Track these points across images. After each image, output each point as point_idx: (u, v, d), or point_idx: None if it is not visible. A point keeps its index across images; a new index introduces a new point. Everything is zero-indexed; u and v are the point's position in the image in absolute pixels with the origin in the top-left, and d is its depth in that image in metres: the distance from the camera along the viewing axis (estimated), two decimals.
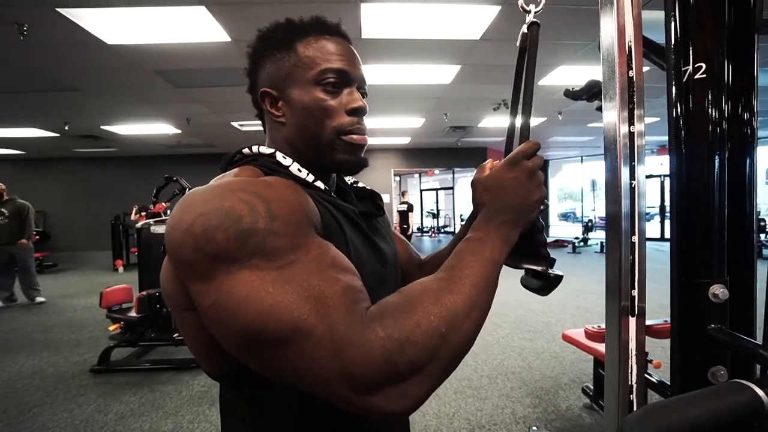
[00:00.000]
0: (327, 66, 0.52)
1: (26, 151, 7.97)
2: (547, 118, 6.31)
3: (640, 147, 0.66)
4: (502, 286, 2.52)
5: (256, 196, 0.40)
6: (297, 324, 0.35)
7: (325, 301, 0.36)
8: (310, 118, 0.53)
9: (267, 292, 0.36)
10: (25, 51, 3.23)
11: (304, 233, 0.41)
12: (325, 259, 0.39)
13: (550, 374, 2.66)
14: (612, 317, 0.69)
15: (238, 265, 0.37)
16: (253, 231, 0.37)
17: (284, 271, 0.37)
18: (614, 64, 0.65)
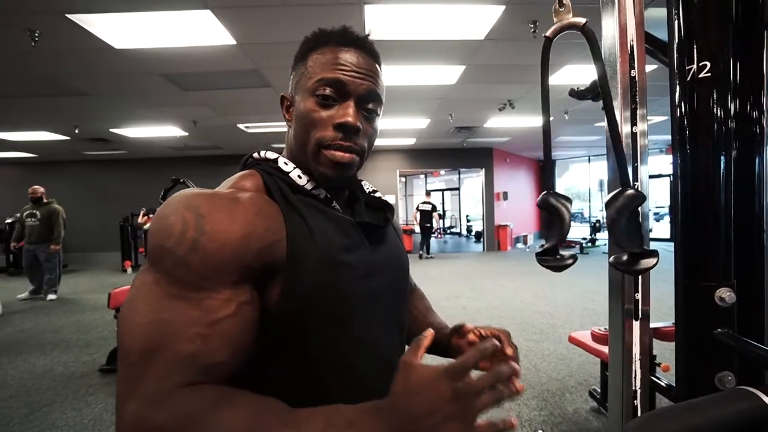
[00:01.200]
0: (322, 76, 0.52)
1: (38, 154, 8.11)
2: (553, 118, 6.26)
3: (643, 147, 0.65)
4: (509, 288, 2.52)
5: (198, 222, 0.42)
6: (128, 353, 0.39)
7: (158, 353, 0.38)
8: (301, 126, 0.54)
9: (143, 307, 0.40)
10: (36, 57, 3.29)
11: (218, 277, 0.42)
12: (211, 315, 0.41)
13: (557, 377, 2.63)
14: (615, 320, 0.68)
15: (152, 270, 0.42)
16: (169, 253, 0.41)
17: (169, 301, 0.40)
18: (616, 63, 0.64)
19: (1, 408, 2.44)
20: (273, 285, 0.46)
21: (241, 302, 0.43)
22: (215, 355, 0.40)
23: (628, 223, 0.54)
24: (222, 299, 0.41)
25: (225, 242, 0.42)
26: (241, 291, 0.43)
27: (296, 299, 0.46)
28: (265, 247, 0.45)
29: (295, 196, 0.52)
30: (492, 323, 2.92)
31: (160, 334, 0.39)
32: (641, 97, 0.64)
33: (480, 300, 4.78)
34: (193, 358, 0.39)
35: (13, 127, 5.78)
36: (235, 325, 0.42)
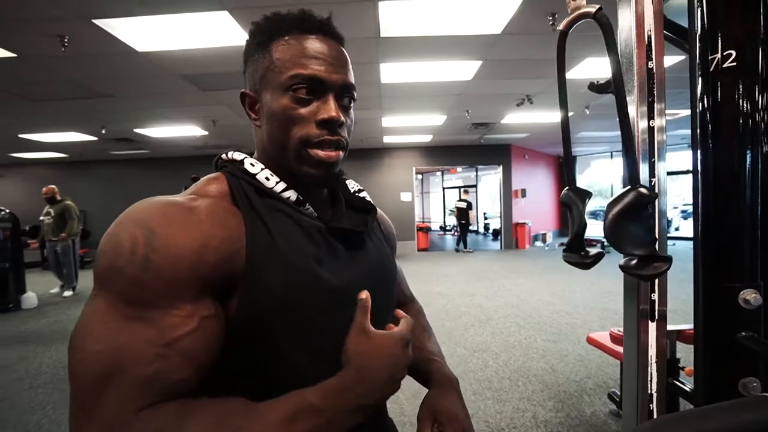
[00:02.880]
0: (297, 72, 0.48)
1: (69, 154, 8.47)
2: (573, 113, 6.09)
3: (660, 143, 0.62)
4: (526, 287, 2.48)
5: (147, 238, 0.40)
6: (81, 381, 0.37)
7: (115, 378, 0.36)
8: (277, 126, 0.50)
9: (95, 332, 0.38)
10: (66, 62, 3.43)
11: (175, 293, 0.40)
12: (169, 333, 0.39)
13: (575, 378, 2.57)
14: (630, 321, 0.66)
15: (103, 291, 0.40)
16: (120, 272, 0.39)
17: (123, 323, 0.38)
18: (632, 54, 0.62)
19: (38, 393, 2.59)
20: (232, 296, 0.44)
21: (203, 317, 0.41)
22: (176, 374, 0.38)
23: (636, 225, 0.52)
24: (182, 315, 0.39)
25: (178, 257, 0.40)
26: (202, 305, 0.41)
27: (253, 311, 0.44)
28: (222, 259, 0.43)
29: (262, 200, 0.49)
30: (508, 322, 2.91)
31: (116, 358, 0.36)
32: (659, 90, 0.61)
33: (496, 298, 4.72)
34: (152, 380, 0.37)
35: (46, 128, 6.05)
36: (197, 341, 0.40)
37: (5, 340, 3.77)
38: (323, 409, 0.39)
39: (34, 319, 4.44)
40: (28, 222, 6.17)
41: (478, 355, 3.03)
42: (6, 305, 4.81)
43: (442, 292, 5.14)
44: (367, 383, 0.41)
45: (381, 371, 0.42)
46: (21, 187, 9.50)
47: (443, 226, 15.42)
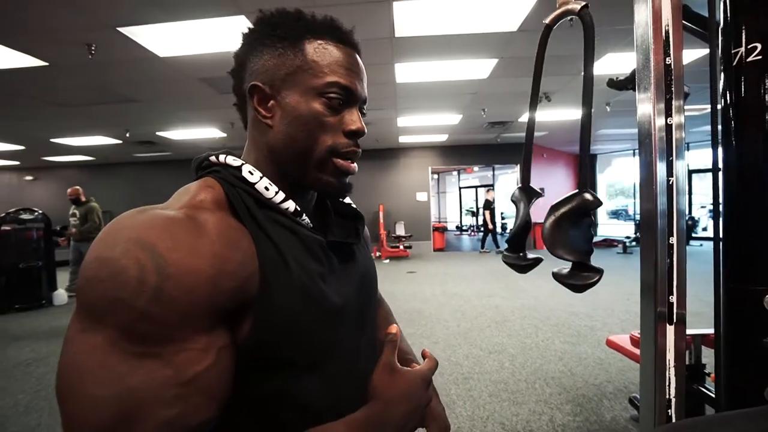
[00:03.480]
0: (335, 80, 0.47)
1: (95, 157, 8.82)
2: (593, 110, 5.95)
3: (678, 141, 0.60)
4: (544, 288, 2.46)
5: (157, 264, 0.35)
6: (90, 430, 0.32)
7: (133, 426, 0.32)
8: (303, 130, 0.47)
9: (98, 375, 0.33)
10: (93, 68, 3.58)
11: (190, 326, 0.35)
12: (188, 370, 0.35)
13: (594, 381, 2.51)
14: (647, 324, 0.64)
15: (101, 326, 0.34)
16: (128, 305, 0.33)
17: (132, 362, 0.33)
18: (649, 50, 0.60)
19: None
20: (244, 320, 0.40)
21: (220, 348, 0.37)
22: (200, 414, 0.35)
23: (576, 231, 0.51)
24: (198, 349, 0.36)
25: (193, 286, 0.35)
26: (217, 335, 0.38)
27: (265, 335, 0.41)
28: (238, 285, 0.39)
29: (261, 212, 0.45)
30: (525, 324, 2.87)
31: (131, 405, 0.32)
32: (677, 87, 0.59)
33: (514, 299, 4.65)
34: (172, 424, 0.33)
35: (75, 132, 6.32)
36: (217, 375, 0.37)
37: (39, 334, 3.96)
38: None
39: (65, 316, 4.64)
40: (58, 222, 6.44)
41: (494, 356, 2.99)
42: (39, 301, 5.05)
43: (458, 293, 5.09)
44: (391, 419, 0.42)
45: (403, 408, 0.42)
46: (52, 189, 9.95)
47: (459, 226, 15.28)
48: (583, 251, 0.55)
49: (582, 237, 0.54)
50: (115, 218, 0.38)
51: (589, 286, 0.54)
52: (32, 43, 3.07)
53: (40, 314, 4.74)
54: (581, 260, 0.55)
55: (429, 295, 5.04)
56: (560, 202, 0.56)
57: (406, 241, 8.97)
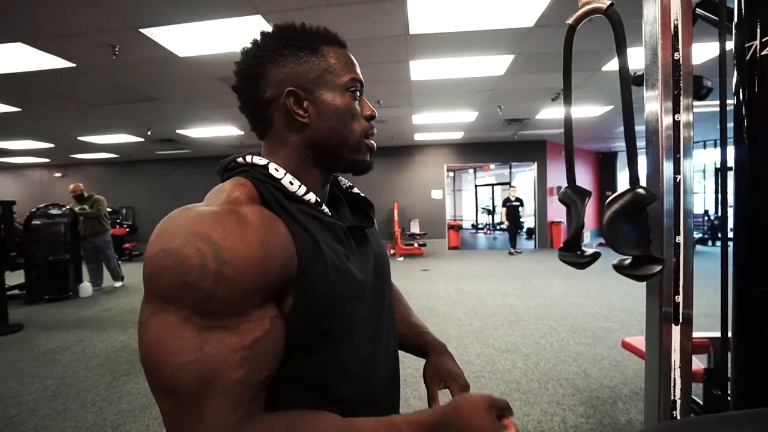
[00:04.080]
0: (354, 75, 0.56)
1: (119, 154, 9.13)
2: (613, 107, 5.79)
3: (687, 138, 0.59)
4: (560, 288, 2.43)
5: (214, 249, 0.41)
6: (178, 392, 0.39)
7: (212, 386, 0.39)
8: (341, 121, 0.55)
9: (177, 346, 0.40)
10: (116, 69, 3.70)
11: (246, 302, 0.42)
12: (249, 337, 0.42)
13: (609, 384, 2.46)
14: (652, 324, 0.63)
15: (173, 307, 0.41)
16: (195, 287, 0.40)
17: (204, 334, 0.40)
18: (657, 46, 0.59)
19: (92, 374, 2.84)
20: (287, 297, 0.47)
21: (271, 317, 0.45)
22: (262, 372, 0.43)
23: (633, 226, 0.50)
24: (254, 320, 0.43)
25: (247, 268, 0.42)
26: (269, 308, 0.45)
27: (305, 310, 0.47)
28: (282, 265, 0.46)
29: (290, 204, 0.51)
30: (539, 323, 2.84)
31: (208, 366, 0.39)
32: (686, 83, 0.58)
33: (528, 299, 4.59)
34: (245, 381, 0.41)
35: (100, 131, 6.55)
36: (272, 341, 0.44)
37: (66, 324, 4.15)
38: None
39: (89, 307, 4.84)
40: None
41: (506, 356, 2.97)
42: (66, 293, 5.28)
43: (472, 291, 5.06)
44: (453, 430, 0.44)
45: (470, 427, 0.44)
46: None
47: (475, 224, 15.14)
48: (643, 244, 0.55)
49: (640, 231, 0.54)
50: (165, 217, 0.45)
51: (653, 276, 0.55)
52: (60, 46, 3.20)
53: (67, 305, 4.96)
54: (644, 253, 0.54)
55: (442, 293, 5.02)
56: (614, 199, 0.56)
57: (421, 239, 8.95)
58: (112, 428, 2.12)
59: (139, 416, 2.24)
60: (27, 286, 5.19)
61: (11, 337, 3.78)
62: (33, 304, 5.05)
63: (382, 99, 5.16)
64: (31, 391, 2.59)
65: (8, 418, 2.25)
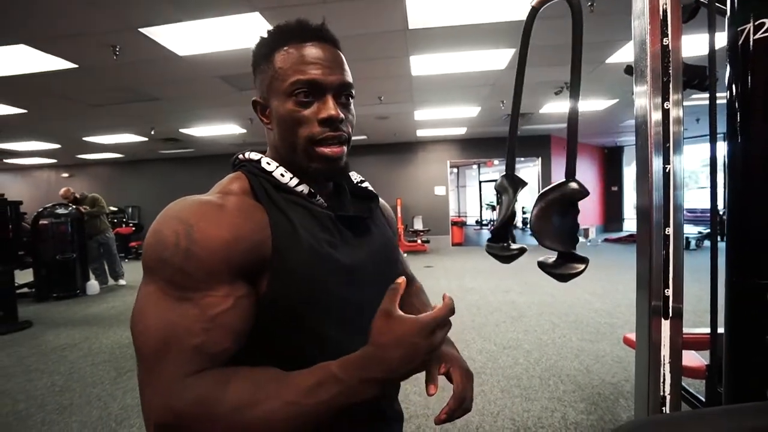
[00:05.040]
0: (296, 78, 0.53)
1: (124, 154, 9.21)
2: (618, 100, 5.71)
3: (676, 128, 0.57)
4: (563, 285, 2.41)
5: (187, 230, 0.46)
6: (144, 351, 0.44)
7: (169, 349, 0.43)
8: (285, 129, 0.55)
9: (151, 312, 0.45)
10: (118, 69, 3.72)
11: (212, 278, 0.46)
12: (211, 310, 0.45)
13: (611, 380, 2.44)
14: (642, 319, 0.62)
15: (153, 278, 0.46)
16: (167, 262, 0.45)
17: (173, 303, 0.45)
18: (645, 32, 0.57)
19: (98, 369, 2.88)
20: (262, 278, 0.50)
21: (238, 296, 0.47)
22: (219, 344, 0.45)
23: (562, 220, 0.49)
24: (220, 296, 0.46)
25: (214, 248, 0.46)
26: (237, 286, 0.48)
27: (280, 290, 0.50)
28: (251, 247, 0.49)
29: (279, 194, 0.55)
30: (542, 320, 2.82)
31: (169, 332, 0.44)
32: (675, 70, 0.56)
33: (531, 295, 4.56)
34: (199, 349, 0.44)
35: (104, 131, 6.61)
36: (234, 316, 0.46)
37: (73, 321, 4.21)
38: (343, 379, 0.43)
39: (96, 305, 4.90)
40: None
41: (508, 352, 2.96)
42: (74, 291, 5.35)
43: (474, 288, 5.05)
44: (383, 362, 0.43)
45: (397, 355, 0.43)
46: (86, 185, 10.45)
47: (479, 220, 15.08)
48: (569, 241, 0.54)
49: (569, 227, 0.53)
50: (169, 205, 0.51)
51: (574, 276, 0.53)
52: (61, 47, 3.22)
53: (74, 303, 5.03)
54: (567, 250, 0.53)
55: (445, 289, 5.01)
56: (547, 191, 0.55)
57: (424, 235, 8.94)
58: (116, 423, 2.15)
59: None
60: (36, 284, 5.27)
61: (21, 333, 3.84)
62: (42, 302, 5.12)
63: (383, 95, 5.14)
64: (40, 386, 2.63)
65: (18, 412, 2.30)
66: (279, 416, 0.42)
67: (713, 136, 0.60)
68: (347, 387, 0.43)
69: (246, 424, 0.41)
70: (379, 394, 0.45)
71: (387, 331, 0.44)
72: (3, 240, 4.43)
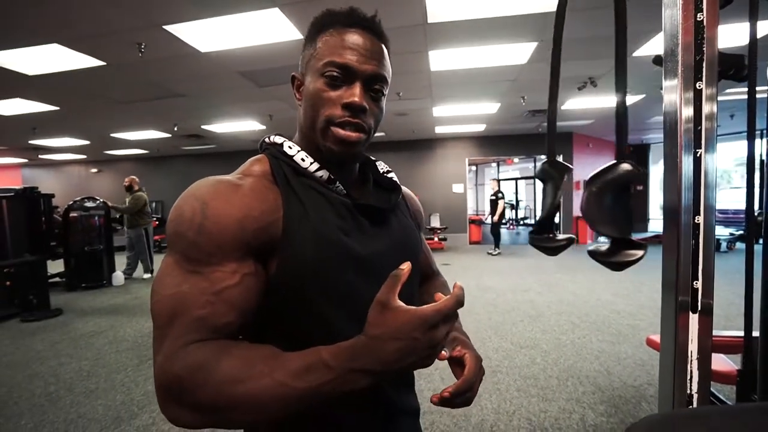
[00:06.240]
0: (331, 59, 0.54)
1: (149, 150, 9.51)
2: (645, 95, 5.50)
3: (710, 109, 0.54)
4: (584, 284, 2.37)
5: (202, 209, 0.49)
6: (157, 319, 0.47)
7: (177, 318, 0.46)
8: (309, 106, 0.57)
9: (166, 281, 0.48)
10: (143, 66, 3.83)
11: (222, 254, 0.48)
12: (217, 285, 0.47)
13: (633, 383, 2.35)
14: (667, 314, 0.58)
15: (172, 251, 0.50)
16: (182, 236, 0.49)
17: (185, 275, 0.48)
18: (677, 15, 0.54)
19: (121, 357, 3.00)
20: (272, 259, 0.51)
21: (245, 273, 0.49)
22: (223, 317, 0.47)
23: (615, 204, 0.45)
24: (227, 271, 0.48)
25: (225, 225, 0.48)
26: (245, 264, 0.49)
27: (288, 272, 0.51)
28: (261, 227, 0.50)
29: (297, 178, 0.56)
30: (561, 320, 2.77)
31: (179, 302, 0.46)
32: (710, 48, 0.52)
33: (550, 294, 4.46)
34: (203, 320, 0.46)
35: (131, 127, 6.84)
36: (240, 292, 0.48)
37: (100, 310, 4.38)
38: (333, 366, 0.42)
39: (121, 295, 5.09)
40: None
41: (525, 351, 2.90)
42: (101, 281, 5.58)
43: (492, 287, 4.97)
44: (374, 354, 0.41)
45: (392, 348, 0.41)
46: (113, 180, 10.87)
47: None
48: (625, 226, 0.50)
49: (623, 211, 0.50)
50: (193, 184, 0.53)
51: (631, 264, 0.50)
52: (91, 45, 3.34)
53: (101, 293, 5.24)
54: (624, 236, 0.50)
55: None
56: (598, 174, 0.52)
57: (441, 233, 8.87)
58: (138, 407, 2.23)
59: None
60: (66, 274, 5.51)
61: (52, 320, 4.03)
62: (72, 291, 5.36)
63: (401, 91, 5.11)
64: (69, 371, 2.76)
65: (49, 394, 2.42)
66: (267, 394, 0.42)
67: (751, 131, 0.55)
68: (336, 375, 0.42)
69: (233, 396, 0.41)
70: (371, 386, 0.43)
71: (381, 322, 0.41)
72: (37, 231, 4.65)
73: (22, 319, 4.09)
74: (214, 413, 0.42)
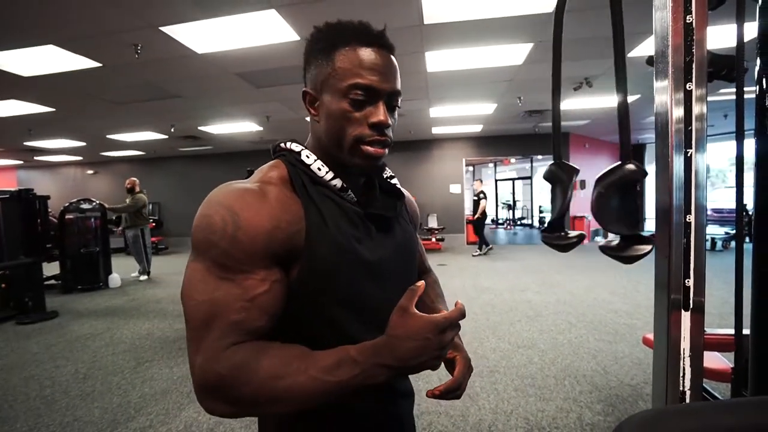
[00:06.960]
0: (355, 81, 0.56)
1: (145, 151, 9.47)
2: (640, 96, 5.53)
3: (699, 110, 0.54)
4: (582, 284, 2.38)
5: (234, 218, 0.51)
6: (193, 323, 0.50)
7: (214, 322, 0.49)
8: (336, 125, 0.58)
9: (199, 287, 0.51)
10: (139, 68, 3.82)
11: (253, 263, 0.51)
12: (250, 292, 0.51)
13: (630, 382, 2.37)
14: (660, 312, 0.59)
15: (200, 258, 0.52)
16: (215, 245, 0.51)
17: (218, 282, 0.50)
18: (666, 8, 0.55)
19: (118, 359, 2.98)
20: (295, 266, 0.55)
21: (273, 281, 0.53)
22: (256, 322, 0.51)
23: (622, 203, 0.47)
24: (258, 279, 0.51)
25: (256, 235, 0.51)
26: (273, 272, 0.53)
27: (309, 279, 0.55)
28: (288, 237, 0.54)
29: (314, 187, 0.59)
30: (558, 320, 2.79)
31: (214, 307, 0.49)
32: (699, 49, 0.53)
33: (548, 294, 4.48)
34: (239, 324, 0.50)
35: (127, 128, 6.81)
36: (269, 299, 0.52)
37: (96, 312, 4.36)
38: (360, 361, 0.48)
39: (118, 297, 5.07)
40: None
41: (522, 351, 2.91)
42: (97, 283, 5.55)
43: (490, 287, 4.98)
44: (395, 351, 0.48)
45: (409, 347, 0.48)
46: (110, 182, 10.83)
47: (495, 219, 14.88)
48: (634, 223, 0.52)
49: (631, 209, 0.51)
50: (213, 190, 0.55)
51: (640, 257, 0.52)
52: (86, 46, 3.33)
53: (97, 295, 5.21)
54: (633, 232, 0.52)
55: (459, 288, 4.97)
56: (603, 175, 0.53)
57: (439, 233, 8.88)
58: (135, 410, 2.22)
59: (160, 400, 2.33)
60: (62, 276, 5.48)
61: (48, 323, 4.01)
62: (67, 293, 5.33)
63: None
64: (65, 373, 2.74)
65: (44, 397, 2.40)
66: (302, 388, 0.47)
67: (740, 131, 0.56)
68: (363, 369, 0.48)
69: (273, 391, 0.47)
70: (390, 379, 0.49)
71: (402, 325, 0.48)
72: (32, 233, 4.62)
73: (18, 321, 4.07)
74: (253, 407, 0.48)
